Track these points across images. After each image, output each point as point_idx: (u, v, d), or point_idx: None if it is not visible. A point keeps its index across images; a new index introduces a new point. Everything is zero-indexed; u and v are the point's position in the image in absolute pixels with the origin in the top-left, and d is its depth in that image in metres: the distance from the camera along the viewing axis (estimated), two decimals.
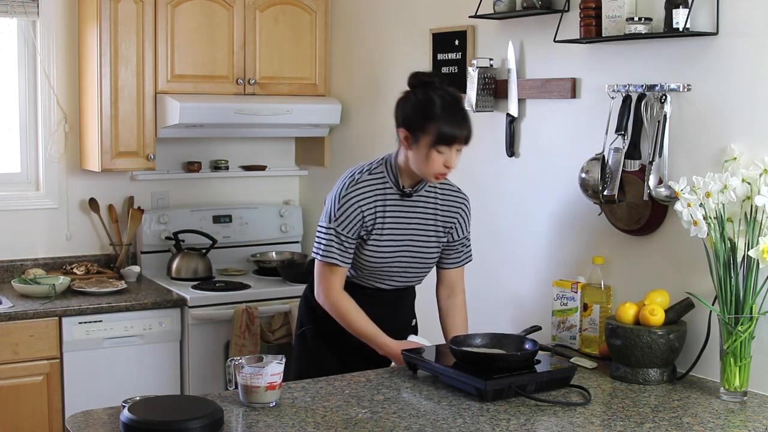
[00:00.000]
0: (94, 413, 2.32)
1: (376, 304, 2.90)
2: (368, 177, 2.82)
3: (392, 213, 2.82)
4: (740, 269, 2.51)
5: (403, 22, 3.94)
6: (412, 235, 2.85)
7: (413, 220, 2.85)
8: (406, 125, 2.73)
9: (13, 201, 4.08)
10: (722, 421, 2.36)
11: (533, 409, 2.38)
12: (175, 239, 4.23)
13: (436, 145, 2.67)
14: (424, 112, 2.69)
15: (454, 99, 2.73)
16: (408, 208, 2.84)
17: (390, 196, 2.81)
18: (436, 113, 2.67)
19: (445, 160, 2.70)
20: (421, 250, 2.88)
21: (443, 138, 2.67)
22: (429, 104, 2.69)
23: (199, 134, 4.23)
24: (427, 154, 2.69)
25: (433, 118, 2.67)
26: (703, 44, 2.69)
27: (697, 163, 2.72)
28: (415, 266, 2.90)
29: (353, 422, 2.26)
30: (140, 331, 3.77)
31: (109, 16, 3.88)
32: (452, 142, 2.68)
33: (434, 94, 2.70)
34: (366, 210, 2.78)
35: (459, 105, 2.74)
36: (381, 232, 2.80)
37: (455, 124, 2.68)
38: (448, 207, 2.92)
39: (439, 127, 2.66)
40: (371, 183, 2.81)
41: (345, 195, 2.78)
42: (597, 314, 2.94)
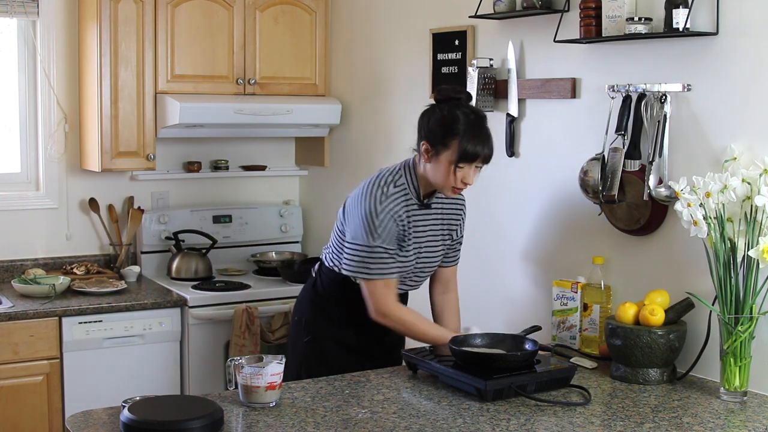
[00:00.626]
0: (94, 413, 2.32)
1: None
2: (395, 190, 2.81)
3: (414, 223, 2.85)
4: (740, 269, 2.51)
5: (403, 22, 3.94)
6: (427, 243, 2.90)
7: (428, 229, 2.89)
8: (428, 139, 2.75)
9: (13, 201, 4.08)
10: (722, 421, 2.36)
11: (533, 409, 2.38)
12: (175, 239, 4.24)
13: (457, 162, 2.70)
14: (447, 128, 2.71)
15: (478, 117, 2.75)
16: (425, 217, 2.89)
17: (413, 209, 2.84)
18: (459, 130, 2.69)
19: (464, 176, 2.73)
20: (430, 256, 2.92)
21: (465, 155, 2.69)
22: (453, 121, 2.71)
23: (199, 134, 4.23)
24: (447, 169, 2.72)
25: (456, 135, 2.69)
26: (703, 44, 2.69)
27: (697, 163, 2.72)
28: (425, 271, 2.95)
29: (353, 422, 2.26)
30: (140, 331, 3.77)
31: (109, 16, 3.88)
32: (473, 160, 2.71)
33: (459, 111, 2.73)
34: (400, 224, 2.80)
35: (483, 123, 2.76)
36: (407, 243, 2.83)
37: (478, 142, 2.70)
38: (451, 211, 2.96)
39: (461, 144, 2.69)
40: (398, 195, 2.81)
41: (381, 210, 2.76)
42: (597, 314, 2.94)
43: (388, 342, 2.96)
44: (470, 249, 3.61)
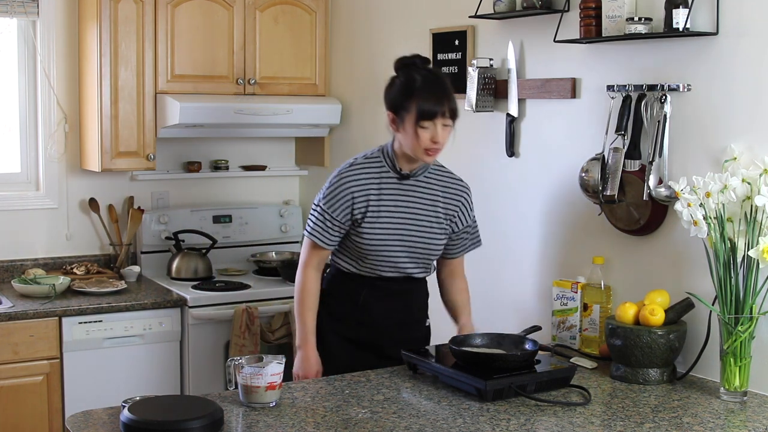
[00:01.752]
0: (94, 413, 2.32)
1: (385, 296, 2.90)
2: (364, 161, 2.88)
3: (390, 196, 2.84)
4: (740, 269, 2.51)
5: (403, 22, 3.94)
6: (413, 219, 2.86)
7: (413, 205, 2.87)
8: (391, 108, 2.81)
9: (13, 201, 4.08)
10: (722, 421, 2.36)
11: (533, 409, 2.38)
12: (175, 239, 4.23)
13: (419, 121, 2.72)
14: (405, 92, 2.77)
15: (434, 75, 2.81)
16: (406, 192, 2.87)
17: (387, 180, 2.85)
18: (415, 90, 2.74)
19: (432, 135, 2.74)
20: (423, 235, 2.87)
21: (424, 113, 2.72)
22: (410, 83, 2.77)
23: (199, 134, 4.23)
24: (413, 132, 2.74)
25: (413, 96, 2.74)
26: (703, 44, 2.69)
27: (697, 163, 2.72)
28: (418, 252, 2.89)
29: (353, 422, 2.26)
30: (140, 331, 3.77)
31: (109, 16, 3.88)
32: (434, 117, 2.73)
33: (416, 74, 2.78)
34: (358, 194, 2.81)
35: (439, 80, 2.80)
36: (377, 215, 2.82)
37: (434, 97, 2.73)
38: (449, 194, 2.94)
39: (418, 103, 2.72)
40: (367, 166, 2.86)
41: (339, 177, 2.84)
42: (597, 314, 2.94)
43: (397, 336, 2.91)
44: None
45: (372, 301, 2.90)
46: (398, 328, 2.93)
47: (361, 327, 2.92)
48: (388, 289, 2.91)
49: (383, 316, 2.91)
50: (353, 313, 2.92)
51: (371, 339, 2.92)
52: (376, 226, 2.83)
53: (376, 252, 2.84)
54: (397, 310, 2.94)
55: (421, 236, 2.88)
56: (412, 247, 2.88)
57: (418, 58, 2.85)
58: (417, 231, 2.87)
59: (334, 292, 2.96)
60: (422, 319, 3.05)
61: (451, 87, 2.82)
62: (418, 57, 2.86)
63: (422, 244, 2.88)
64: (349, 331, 2.94)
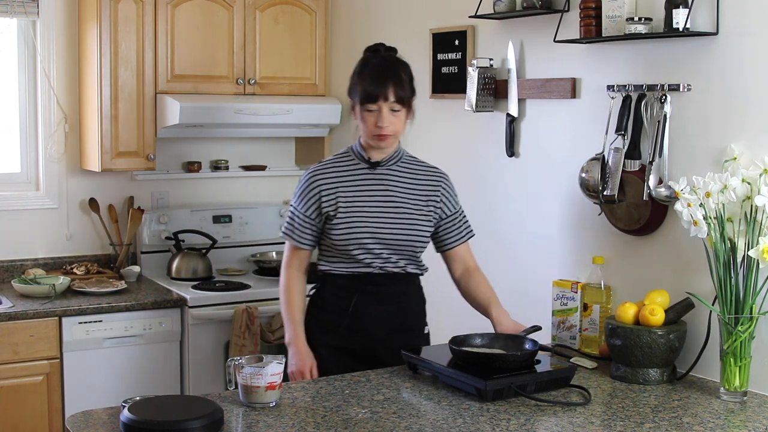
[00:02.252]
0: (94, 413, 2.32)
1: (377, 301, 2.83)
2: (333, 157, 2.89)
3: (362, 186, 2.82)
4: (740, 269, 2.51)
5: (403, 22, 3.94)
6: (389, 207, 2.81)
7: (388, 193, 2.82)
8: (348, 96, 2.84)
9: (13, 201, 4.08)
10: (722, 421, 2.36)
11: (533, 409, 2.38)
12: (175, 239, 4.24)
13: (362, 104, 2.73)
14: (355, 76, 2.79)
15: (383, 59, 2.79)
16: (380, 181, 2.84)
17: (357, 171, 2.84)
18: (362, 73, 2.76)
19: (376, 119, 2.73)
20: (402, 224, 2.80)
21: (365, 96, 2.72)
22: (361, 67, 2.80)
23: (199, 134, 4.23)
24: (361, 117, 2.76)
25: (359, 80, 2.76)
26: (703, 44, 2.69)
27: (697, 163, 2.72)
28: (400, 241, 2.80)
29: (353, 422, 2.26)
30: (140, 331, 3.77)
31: (109, 16, 3.88)
32: (375, 100, 2.71)
33: (373, 59, 2.79)
34: (325, 188, 2.81)
35: (390, 65, 2.78)
36: (350, 206, 2.79)
37: (374, 80, 2.72)
38: (426, 181, 2.89)
39: (361, 86, 2.74)
40: (335, 162, 2.86)
41: (308, 174, 2.85)
42: (597, 314, 2.94)
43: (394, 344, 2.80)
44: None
45: (363, 307, 2.82)
46: (394, 335, 2.84)
47: (354, 336, 2.84)
48: (380, 294, 2.83)
49: (376, 322, 2.83)
50: (344, 321, 2.83)
51: (366, 348, 2.83)
52: (350, 216, 2.78)
53: (356, 242, 2.77)
54: (391, 316, 2.85)
55: (401, 224, 2.80)
56: (392, 236, 2.79)
57: (382, 46, 2.83)
58: (395, 219, 2.80)
59: (323, 301, 2.89)
60: (420, 326, 2.97)
61: (408, 75, 2.80)
62: (381, 45, 2.84)
63: (403, 233, 2.80)
64: (341, 341, 2.84)
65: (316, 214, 2.81)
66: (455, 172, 3.67)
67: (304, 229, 2.84)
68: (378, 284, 2.83)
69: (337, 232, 2.78)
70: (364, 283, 2.82)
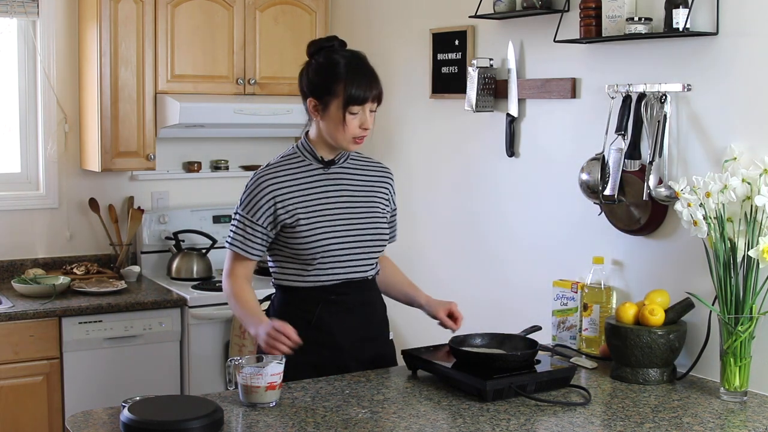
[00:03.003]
0: (94, 413, 2.32)
1: (342, 311, 2.66)
2: (281, 159, 2.68)
3: (319, 188, 2.65)
4: (740, 269, 2.51)
5: (403, 22, 3.94)
6: (351, 207, 2.67)
7: (347, 192, 2.69)
8: (312, 93, 2.60)
9: (13, 201, 4.08)
10: (722, 421, 2.36)
11: (533, 409, 2.38)
12: (175, 239, 4.24)
13: (347, 106, 2.55)
14: (329, 75, 2.57)
15: (358, 57, 2.62)
16: (336, 180, 2.68)
17: (311, 172, 2.66)
18: (341, 73, 2.55)
19: (361, 121, 2.57)
20: (367, 223, 2.68)
21: (354, 98, 2.54)
22: (333, 65, 2.57)
23: (199, 134, 4.23)
24: (339, 118, 2.56)
25: (339, 79, 2.55)
26: (703, 44, 2.69)
27: (697, 163, 2.72)
28: (367, 242, 2.67)
29: (353, 422, 2.26)
30: (140, 331, 3.77)
31: (109, 16, 3.88)
32: (364, 102, 2.56)
33: (336, 56, 2.60)
34: (280, 196, 2.61)
35: (365, 62, 2.62)
36: (312, 212, 2.61)
37: (364, 81, 2.56)
38: (377, 179, 2.77)
39: (347, 87, 2.54)
40: (285, 164, 2.66)
41: (257, 179, 2.64)
42: (597, 314, 2.94)
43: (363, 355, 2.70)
44: (470, 249, 3.62)
45: (328, 318, 2.64)
46: (362, 345, 2.70)
47: (322, 349, 2.65)
48: (343, 304, 2.66)
49: (343, 333, 2.66)
50: (310, 334, 2.59)
51: (336, 361, 2.66)
52: (314, 223, 2.61)
53: (323, 250, 2.60)
54: (358, 326, 2.69)
55: (365, 224, 2.68)
56: (359, 238, 2.66)
57: (336, 41, 2.65)
58: (359, 219, 2.67)
59: (285, 317, 2.62)
60: (385, 334, 2.83)
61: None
62: (335, 39, 2.66)
63: (368, 233, 2.68)
64: (310, 355, 2.60)
65: (269, 223, 2.61)
66: (455, 172, 3.69)
67: (256, 240, 2.62)
68: (341, 293, 2.66)
69: (305, 241, 2.60)
70: (328, 293, 2.65)
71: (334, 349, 2.67)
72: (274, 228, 2.63)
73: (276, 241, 2.66)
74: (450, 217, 3.72)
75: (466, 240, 3.63)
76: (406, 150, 3.90)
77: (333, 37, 2.68)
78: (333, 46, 2.64)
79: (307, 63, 2.67)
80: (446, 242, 3.77)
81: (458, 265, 3.69)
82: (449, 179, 3.71)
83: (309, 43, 2.69)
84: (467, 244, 3.63)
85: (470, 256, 3.59)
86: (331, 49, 2.63)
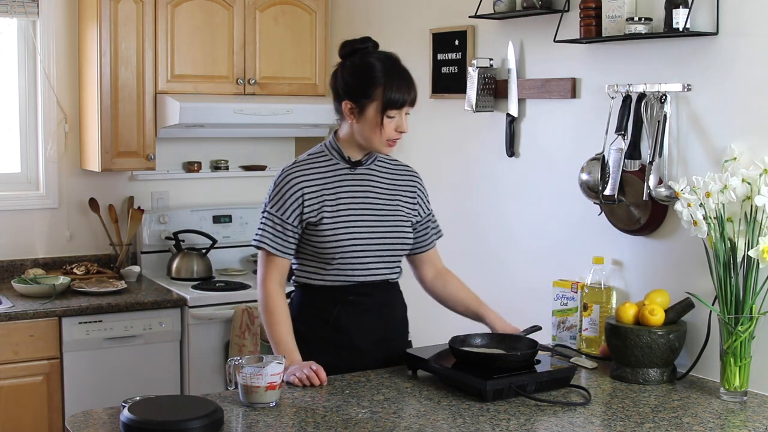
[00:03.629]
0: (94, 413, 2.32)
1: (361, 312, 2.67)
2: (308, 157, 2.68)
3: (345, 188, 2.64)
4: (740, 269, 2.51)
5: (403, 22, 3.94)
6: (375, 209, 2.66)
7: (372, 194, 2.68)
8: (349, 96, 2.58)
9: (13, 201, 4.08)
10: (722, 421, 2.36)
11: (533, 409, 2.38)
12: (175, 239, 4.24)
13: (386, 110, 2.54)
14: (366, 79, 2.55)
15: (393, 60, 2.61)
16: (362, 181, 2.68)
17: (338, 171, 2.65)
18: (379, 77, 2.54)
19: (397, 124, 2.58)
20: (389, 226, 2.67)
21: (392, 102, 2.54)
22: (370, 69, 2.56)
23: (199, 134, 4.23)
24: (376, 122, 2.55)
25: (377, 83, 2.54)
26: (703, 44, 2.69)
27: (697, 163, 2.72)
28: (387, 245, 2.67)
29: (353, 422, 2.26)
30: (140, 331, 3.77)
31: (109, 16, 3.88)
32: (402, 106, 2.57)
33: (372, 58, 2.58)
34: (308, 191, 2.60)
35: (400, 65, 2.61)
36: (335, 211, 2.61)
37: (402, 85, 2.56)
38: (404, 182, 2.76)
39: (385, 91, 2.54)
40: (313, 162, 2.66)
41: (284, 175, 2.63)
42: (597, 314, 2.94)
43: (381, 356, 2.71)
44: (470, 249, 3.62)
45: (346, 319, 2.65)
46: (380, 346, 2.70)
47: (339, 350, 2.66)
48: (361, 305, 2.67)
49: (361, 334, 2.67)
50: (327, 335, 2.65)
51: (353, 361, 2.66)
52: (337, 222, 2.60)
53: (343, 250, 2.60)
54: (376, 327, 2.70)
55: (388, 227, 2.67)
56: (380, 241, 2.65)
57: (370, 42, 2.64)
58: (382, 222, 2.66)
59: (303, 316, 2.68)
60: (404, 336, 2.83)
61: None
62: (369, 40, 2.64)
63: (390, 236, 2.67)
64: (326, 356, 2.61)
65: (298, 221, 2.60)
66: (455, 172, 3.69)
67: (286, 237, 2.61)
68: (360, 294, 2.67)
69: (322, 239, 2.60)
70: (346, 293, 2.65)
71: (351, 350, 2.68)
72: (300, 225, 2.62)
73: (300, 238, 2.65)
74: (450, 217, 3.72)
75: (466, 240, 3.63)
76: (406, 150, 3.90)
77: (367, 39, 2.65)
78: (367, 48, 2.63)
79: (340, 64, 2.65)
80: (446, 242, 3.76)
81: (458, 265, 3.68)
82: (449, 179, 3.70)
83: (342, 43, 2.66)
84: (467, 244, 3.62)
85: (470, 256, 3.58)
86: (365, 51, 2.61)
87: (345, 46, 2.65)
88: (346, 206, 2.64)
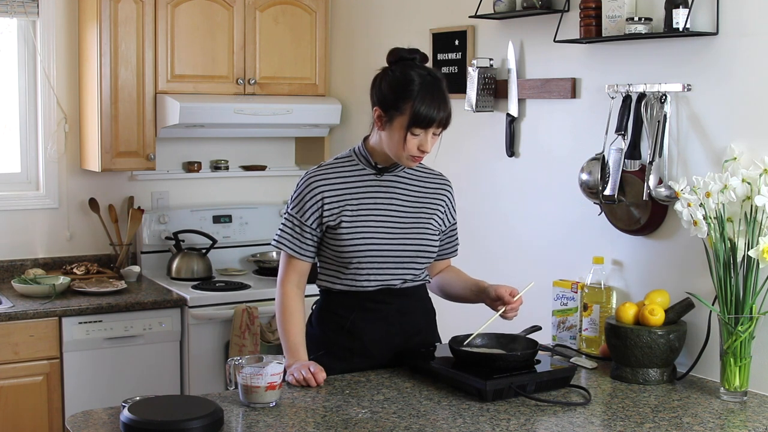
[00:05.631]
0: (94, 413, 2.31)
1: (378, 319, 2.65)
2: (334, 161, 2.66)
3: (368, 194, 2.62)
4: (740, 269, 2.51)
5: (403, 22, 3.94)
6: (397, 217, 2.63)
7: (396, 201, 2.64)
8: (380, 104, 2.54)
9: (13, 201, 4.08)
10: (722, 421, 2.36)
11: (533, 409, 2.38)
12: (175, 239, 4.24)
13: (411, 126, 2.47)
14: (400, 91, 2.49)
15: (434, 78, 2.52)
16: (387, 188, 2.64)
17: (363, 177, 2.62)
18: (413, 92, 2.47)
19: (420, 143, 2.50)
20: (412, 234, 2.64)
21: (419, 120, 2.46)
22: (407, 83, 2.49)
23: (199, 134, 4.23)
24: (401, 136, 2.49)
25: (409, 98, 2.47)
26: (703, 44, 2.69)
27: (697, 163, 2.72)
28: (408, 252, 2.63)
29: (353, 422, 2.26)
30: (140, 331, 3.77)
31: (109, 16, 3.88)
32: (428, 125, 2.48)
33: (413, 72, 2.51)
34: (329, 195, 2.59)
35: (439, 85, 2.52)
36: (356, 215, 2.58)
37: (433, 105, 2.47)
38: (433, 190, 2.72)
39: (415, 107, 2.46)
40: (337, 166, 2.63)
41: (307, 179, 2.62)
42: (597, 314, 2.94)
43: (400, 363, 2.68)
44: (470, 249, 3.61)
45: (361, 324, 2.63)
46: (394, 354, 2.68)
47: (352, 355, 2.65)
48: (379, 312, 2.65)
49: (375, 342, 2.65)
50: (341, 340, 2.65)
51: (365, 368, 2.66)
52: (356, 226, 2.58)
53: (359, 255, 2.58)
54: (392, 335, 2.67)
55: (410, 235, 2.63)
56: (401, 248, 2.62)
57: (418, 54, 2.58)
58: (404, 229, 2.63)
59: (322, 321, 2.69)
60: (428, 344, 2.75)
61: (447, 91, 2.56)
62: (417, 52, 2.58)
63: (412, 244, 2.63)
64: (341, 361, 2.64)
65: (317, 224, 2.60)
66: (455, 172, 3.68)
67: (305, 239, 2.61)
68: (378, 301, 2.65)
69: (340, 243, 2.58)
70: (364, 299, 2.64)
71: (363, 356, 2.67)
72: (320, 229, 2.62)
73: (320, 241, 2.65)
74: None
75: (465, 240, 3.62)
76: None
77: (415, 50, 2.59)
78: (414, 60, 2.57)
79: (383, 70, 2.60)
80: None
81: (458, 264, 3.68)
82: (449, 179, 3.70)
83: (391, 49, 2.61)
84: (467, 244, 3.62)
85: (470, 256, 3.58)
86: (410, 63, 2.55)
87: (393, 53, 2.60)
88: (368, 212, 2.61)
